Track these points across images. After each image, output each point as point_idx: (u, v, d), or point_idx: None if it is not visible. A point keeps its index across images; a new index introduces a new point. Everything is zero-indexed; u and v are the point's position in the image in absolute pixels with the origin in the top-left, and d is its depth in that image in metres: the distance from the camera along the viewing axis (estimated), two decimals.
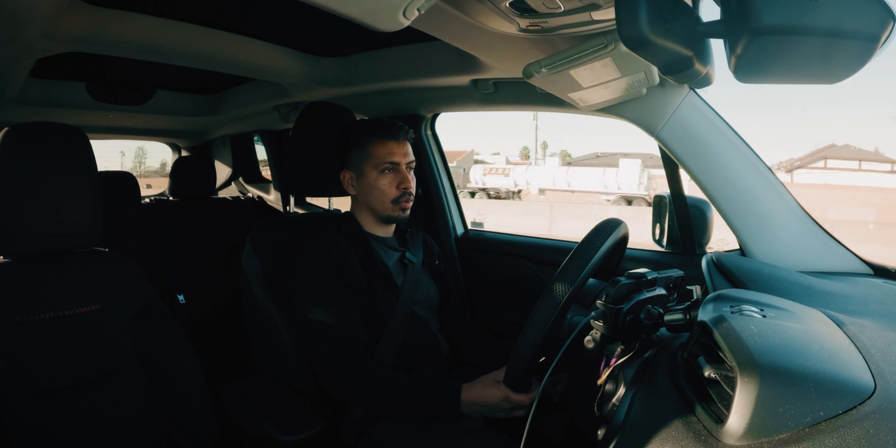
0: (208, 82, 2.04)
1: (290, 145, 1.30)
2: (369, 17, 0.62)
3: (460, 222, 1.85)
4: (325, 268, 1.10)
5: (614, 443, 0.55)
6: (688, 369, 0.57)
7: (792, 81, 0.57)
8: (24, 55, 1.18)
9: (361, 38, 1.41)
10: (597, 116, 1.28)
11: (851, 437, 0.42)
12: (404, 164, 1.19)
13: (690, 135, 1.08)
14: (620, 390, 0.68)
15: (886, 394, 0.46)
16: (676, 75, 0.62)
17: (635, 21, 0.52)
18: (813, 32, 0.47)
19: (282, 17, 1.28)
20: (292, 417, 1.04)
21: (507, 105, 1.51)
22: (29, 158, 0.98)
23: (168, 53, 1.32)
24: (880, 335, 0.61)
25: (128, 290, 1.09)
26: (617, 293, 0.70)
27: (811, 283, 0.87)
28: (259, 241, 1.22)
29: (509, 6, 0.76)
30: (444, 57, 1.35)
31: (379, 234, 1.25)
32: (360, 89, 1.65)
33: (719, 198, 1.07)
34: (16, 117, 1.92)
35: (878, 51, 0.48)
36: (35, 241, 0.99)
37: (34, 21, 0.97)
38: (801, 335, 0.55)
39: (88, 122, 2.24)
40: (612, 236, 0.79)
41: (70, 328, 1.01)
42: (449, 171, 1.85)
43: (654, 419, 0.54)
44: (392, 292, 1.17)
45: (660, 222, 1.37)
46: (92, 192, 1.04)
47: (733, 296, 0.65)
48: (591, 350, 0.74)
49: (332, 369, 1.04)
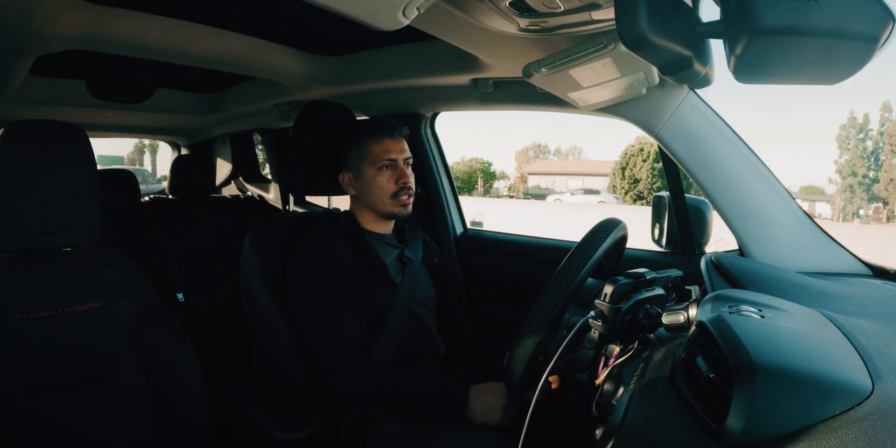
0: (208, 81, 2.04)
1: (289, 144, 1.30)
2: (369, 16, 0.62)
3: (459, 221, 1.85)
4: (317, 266, 1.11)
5: (612, 443, 0.55)
6: (686, 369, 0.57)
7: (792, 82, 0.57)
8: (25, 53, 1.18)
9: (361, 36, 1.41)
10: (596, 116, 1.28)
11: (849, 438, 0.42)
12: (401, 160, 1.19)
13: (690, 135, 1.08)
14: (619, 390, 0.68)
15: (884, 395, 0.46)
16: (676, 75, 0.62)
17: (635, 21, 0.52)
18: (813, 33, 0.47)
19: (282, 16, 1.28)
20: (291, 416, 1.04)
21: (507, 104, 1.51)
22: (28, 156, 0.98)
23: (168, 52, 1.32)
24: (878, 336, 0.61)
25: (127, 289, 1.09)
26: (616, 293, 0.70)
27: (810, 284, 0.87)
28: (258, 240, 1.22)
29: (509, 5, 0.76)
30: (443, 56, 1.35)
31: (378, 231, 1.25)
32: (360, 88, 1.65)
33: (718, 198, 1.07)
34: (15, 115, 1.92)
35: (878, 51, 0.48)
36: (34, 238, 0.99)
37: (34, 19, 0.96)
38: (799, 336, 0.55)
39: (88, 120, 2.24)
40: (610, 236, 0.79)
41: (69, 326, 1.01)
42: (448, 170, 1.85)
43: (653, 419, 0.54)
44: (389, 289, 1.17)
45: (659, 222, 1.37)
46: (91, 190, 1.04)
47: (732, 296, 0.65)
48: (589, 350, 0.74)
49: (327, 367, 1.05)
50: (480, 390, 1.04)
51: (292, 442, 0.99)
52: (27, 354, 0.96)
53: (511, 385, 0.75)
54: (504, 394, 1.03)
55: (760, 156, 1.07)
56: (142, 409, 1.07)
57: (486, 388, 1.04)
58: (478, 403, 1.02)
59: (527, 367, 0.73)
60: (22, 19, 0.95)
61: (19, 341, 0.96)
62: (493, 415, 1.01)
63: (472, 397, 1.02)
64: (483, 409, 1.01)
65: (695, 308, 0.66)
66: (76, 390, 1.01)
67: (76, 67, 1.70)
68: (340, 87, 1.66)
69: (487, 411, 1.01)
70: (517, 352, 0.74)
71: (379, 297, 1.15)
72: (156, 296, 1.14)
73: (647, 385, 0.60)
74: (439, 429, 1.01)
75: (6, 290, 0.97)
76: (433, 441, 0.99)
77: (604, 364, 0.76)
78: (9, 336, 0.95)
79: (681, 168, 1.14)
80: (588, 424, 0.76)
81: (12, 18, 0.94)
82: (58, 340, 0.99)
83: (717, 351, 0.52)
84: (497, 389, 1.04)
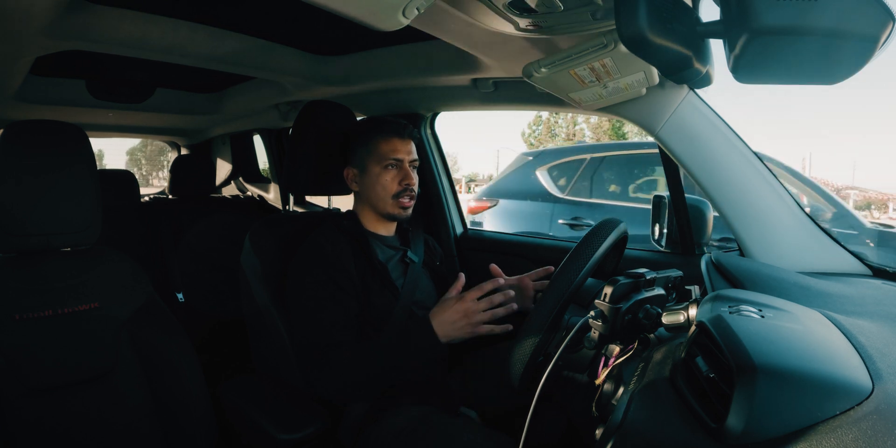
0: (208, 81, 2.04)
1: (289, 144, 1.30)
2: (369, 17, 0.62)
3: (459, 221, 1.85)
4: (317, 268, 1.11)
5: (612, 443, 0.54)
6: (686, 369, 0.57)
7: (791, 82, 0.57)
8: (24, 52, 1.18)
9: (361, 37, 1.41)
10: (596, 115, 1.28)
11: (849, 438, 0.42)
12: (408, 161, 1.19)
13: (690, 135, 1.08)
14: (619, 390, 0.68)
15: (884, 395, 0.46)
16: (676, 75, 0.62)
17: (635, 21, 0.52)
18: (812, 33, 0.47)
19: (282, 16, 1.28)
20: (290, 415, 1.04)
21: (507, 104, 1.51)
22: (28, 156, 0.98)
23: (168, 52, 1.32)
24: (878, 336, 0.61)
25: (127, 289, 1.09)
26: (616, 293, 0.70)
27: (810, 284, 0.87)
28: (258, 240, 1.22)
29: (509, 5, 0.76)
30: (443, 56, 1.35)
31: (380, 232, 1.25)
32: (360, 88, 1.65)
33: (718, 198, 1.07)
34: (15, 115, 1.92)
35: (877, 51, 0.48)
36: (34, 239, 0.99)
37: (34, 18, 0.96)
38: (799, 336, 0.55)
39: (88, 120, 2.24)
40: (610, 236, 0.79)
41: (69, 326, 1.01)
42: (448, 170, 1.85)
43: (652, 419, 0.54)
44: (389, 291, 1.17)
45: (659, 222, 1.37)
46: (91, 190, 1.04)
47: (732, 296, 0.65)
48: (589, 350, 0.74)
49: (312, 368, 1.05)
50: (437, 311, 1.01)
51: (292, 442, 0.99)
52: (27, 354, 0.96)
53: (511, 385, 0.75)
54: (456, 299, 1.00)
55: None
56: (141, 409, 1.07)
57: (440, 307, 1.01)
58: (443, 324, 1.00)
59: (526, 367, 0.73)
60: (22, 19, 0.95)
61: (19, 341, 0.96)
62: (463, 327, 0.99)
63: (435, 321, 1.00)
64: (452, 327, 0.99)
65: (695, 308, 0.66)
66: (76, 390, 1.01)
67: (76, 67, 1.70)
68: (340, 87, 1.66)
69: (456, 324, 0.99)
70: (517, 352, 0.74)
71: (378, 299, 1.15)
72: (156, 296, 1.14)
73: (647, 385, 0.60)
74: (438, 427, 1.01)
75: (6, 290, 0.97)
76: (433, 441, 0.99)
77: (604, 364, 0.76)
78: (9, 336, 0.95)
79: (681, 168, 1.14)
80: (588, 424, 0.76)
81: (12, 18, 0.94)
82: (58, 340, 0.99)
83: (717, 351, 0.52)
84: (448, 300, 1.01)
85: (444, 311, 1.00)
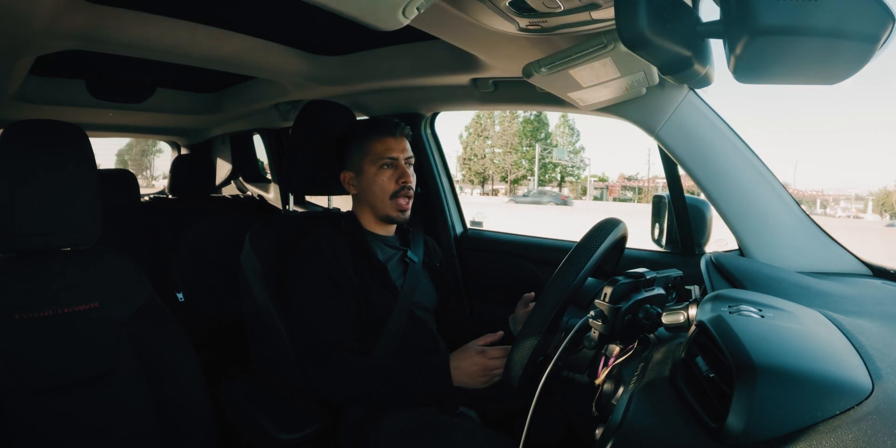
0: (208, 80, 2.04)
1: (289, 144, 1.30)
2: (369, 16, 0.62)
3: (459, 221, 1.85)
4: (317, 268, 1.11)
5: (612, 442, 0.54)
6: (686, 369, 0.57)
7: (792, 82, 0.57)
8: (24, 52, 1.18)
9: (361, 36, 1.41)
10: (596, 116, 1.28)
11: (849, 438, 0.42)
12: (402, 159, 1.19)
13: (690, 135, 1.08)
14: (619, 390, 0.68)
15: (884, 394, 0.46)
16: (676, 75, 0.62)
17: (635, 21, 0.52)
18: (813, 33, 0.47)
19: (282, 16, 1.28)
20: (290, 416, 1.04)
21: (507, 104, 1.51)
22: (28, 156, 0.98)
23: (168, 51, 1.32)
24: (878, 336, 0.61)
25: (127, 289, 1.09)
26: (615, 293, 0.70)
27: (810, 284, 0.87)
28: (258, 240, 1.22)
29: (509, 5, 0.76)
30: (443, 56, 1.35)
31: (380, 233, 1.25)
32: (360, 88, 1.65)
33: (718, 198, 1.07)
34: (15, 115, 1.92)
35: (877, 51, 0.48)
36: (34, 238, 0.99)
37: (34, 18, 0.96)
38: (799, 336, 0.55)
39: (88, 120, 2.24)
40: (610, 236, 0.78)
41: (69, 326, 1.01)
42: (448, 169, 1.85)
43: (652, 419, 0.54)
44: (389, 290, 1.17)
45: (659, 222, 1.37)
46: (91, 189, 1.04)
47: (732, 296, 0.65)
48: (589, 350, 0.74)
49: (314, 369, 1.05)
50: (458, 356, 1.02)
51: (292, 442, 0.99)
52: (27, 354, 0.96)
53: (510, 386, 0.75)
54: (478, 352, 1.01)
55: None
56: (141, 409, 1.07)
57: (462, 354, 1.02)
58: (459, 370, 1.01)
59: (525, 368, 0.73)
60: (22, 19, 0.95)
61: (19, 341, 0.96)
62: (478, 379, 1.00)
63: (453, 365, 1.01)
64: (467, 376, 1.00)
65: (695, 308, 0.66)
66: (76, 390, 1.01)
67: (76, 67, 1.70)
68: (340, 87, 1.66)
69: (472, 375, 1.00)
70: (516, 353, 0.73)
71: (377, 299, 1.15)
72: (156, 296, 1.14)
73: (646, 385, 0.60)
74: (438, 428, 1.01)
75: (6, 290, 0.97)
76: (433, 441, 0.99)
77: (604, 364, 0.76)
78: (9, 336, 0.95)
79: (681, 168, 1.14)
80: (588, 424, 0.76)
81: (12, 18, 0.94)
82: (58, 340, 0.99)
83: (716, 351, 0.52)
84: (471, 350, 1.02)
85: (465, 359, 1.01)
